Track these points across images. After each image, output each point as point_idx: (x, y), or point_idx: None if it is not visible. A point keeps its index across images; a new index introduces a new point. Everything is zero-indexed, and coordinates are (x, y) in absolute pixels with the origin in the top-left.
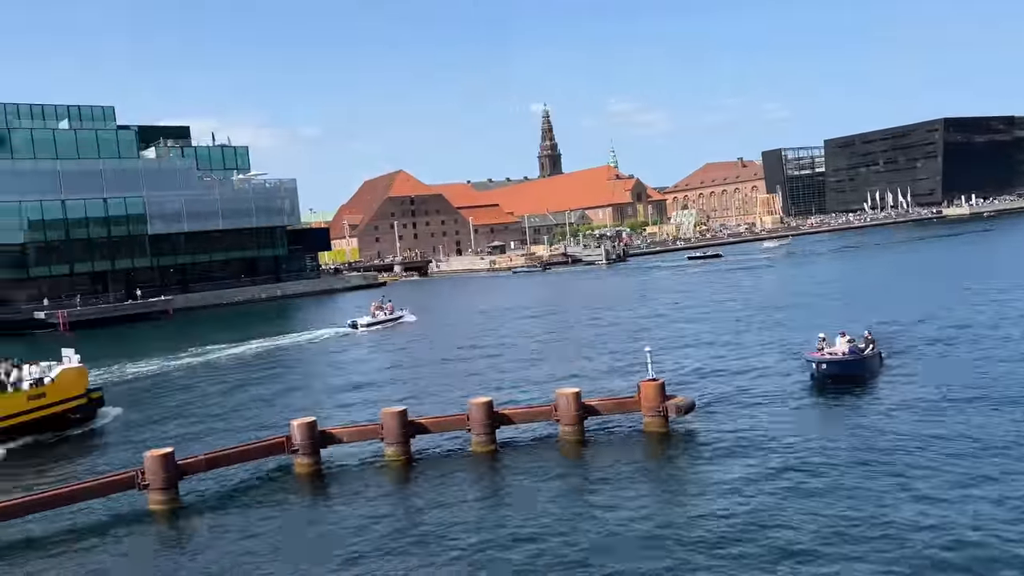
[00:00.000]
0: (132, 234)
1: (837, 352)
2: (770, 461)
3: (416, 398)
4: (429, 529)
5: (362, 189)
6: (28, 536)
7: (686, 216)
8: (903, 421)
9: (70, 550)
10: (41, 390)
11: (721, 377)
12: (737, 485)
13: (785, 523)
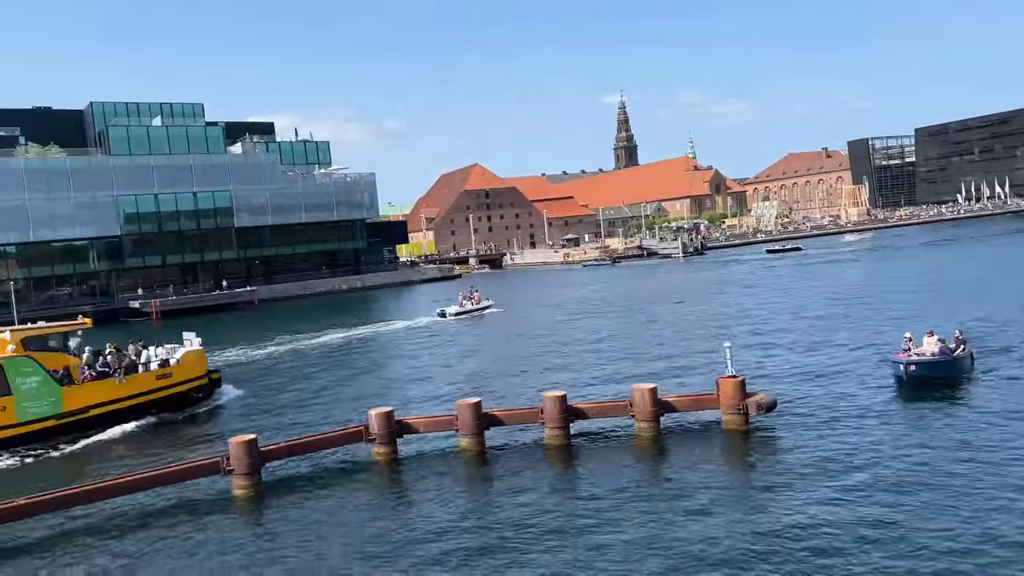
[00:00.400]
0: (220, 227)
1: (925, 352)
2: (856, 466)
3: (491, 390)
4: (503, 521)
5: (439, 182)
6: (120, 516)
7: (767, 208)
8: (1002, 429)
9: (158, 531)
10: (167, 370)
11: (803, 375)
12: (821, 489)
13: (872, 537)
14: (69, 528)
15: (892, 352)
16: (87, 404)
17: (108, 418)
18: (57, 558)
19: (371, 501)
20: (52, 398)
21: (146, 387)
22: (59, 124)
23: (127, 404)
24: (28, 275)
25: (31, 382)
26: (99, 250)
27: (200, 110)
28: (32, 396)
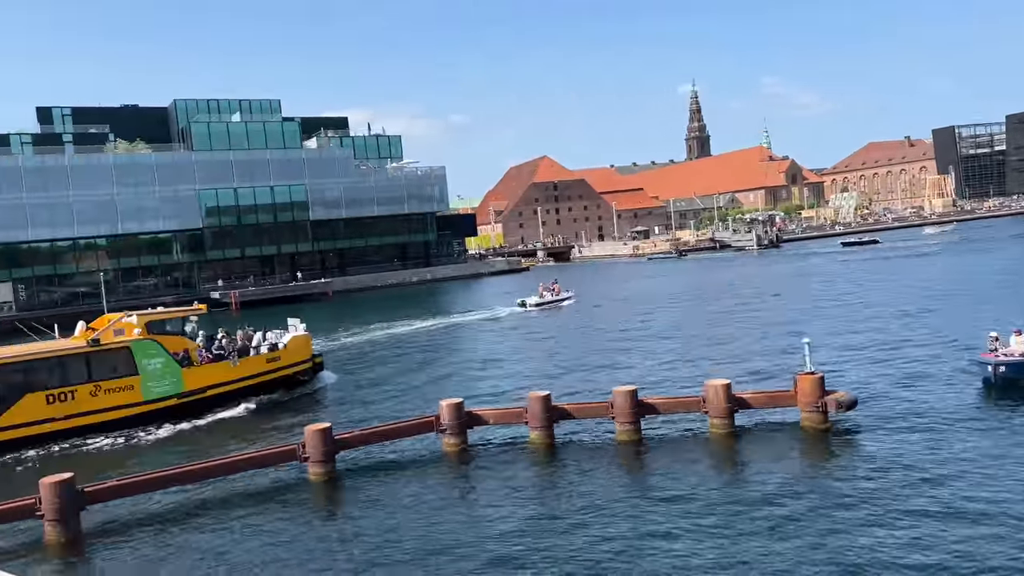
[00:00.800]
0: (295, 220)
1: (1014, 353)
2: (943, 473)
3: (563, 382)
4: (569, 518)
5: (507, 175)
6: (203, 500)
7: (846, 199)
8: None
9: (237, 513)
10: (276, 354)
11: (884, 373)
12: (904, 495)
13: (961, 552)
14: (155, 510)
15: (980, 353)
16: (205, 384)
17: (223, 398)
18: (141, 538)
19: (440, 491)
20: (174, 378)
21: (257, 369)
22: (145, 121)
23: (240, 385)
24: (117, 266)
25: (155, 363)
26: (182, 242)
27: (277, 106)
28: (156, 376)
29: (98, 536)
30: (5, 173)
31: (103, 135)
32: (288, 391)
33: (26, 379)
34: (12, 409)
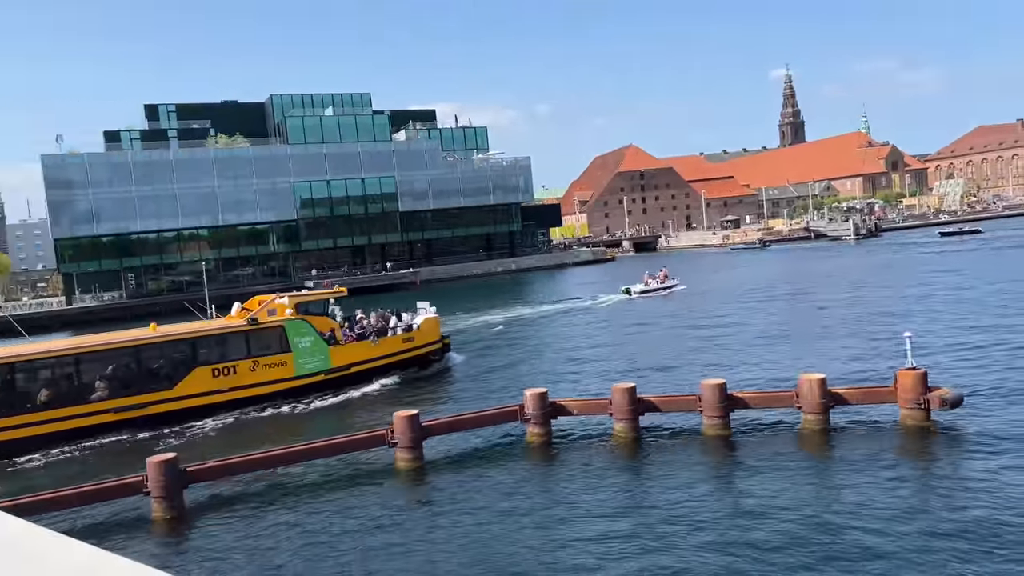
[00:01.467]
0: (385, 211)
1: None
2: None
3: (652, 373)
4: (656, 510)
5: (592, 165)
6: (296, 482)
7: (951, 186)
8: None
9: (328, 497)
10: (411, 335)
11: (990, 371)
12: (1016, 497)
13: None
14: (251, 490)
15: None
16: (349, 362)
17: (364, 375)
18: (237, 516)
19: (522, 480)
20: (322, 356)
21: (395, 349)
22: (244, 116)
23: (379, 363)
24: (218, 256)
25: (306, 341)
26: (278, 233)
27: (368, 99)
28: (307, 353)
29: (199, 513)
30: (116, 168)
31: (204, 130)
32: (421, 369)
33: (195, 354)
34: (184, 381)
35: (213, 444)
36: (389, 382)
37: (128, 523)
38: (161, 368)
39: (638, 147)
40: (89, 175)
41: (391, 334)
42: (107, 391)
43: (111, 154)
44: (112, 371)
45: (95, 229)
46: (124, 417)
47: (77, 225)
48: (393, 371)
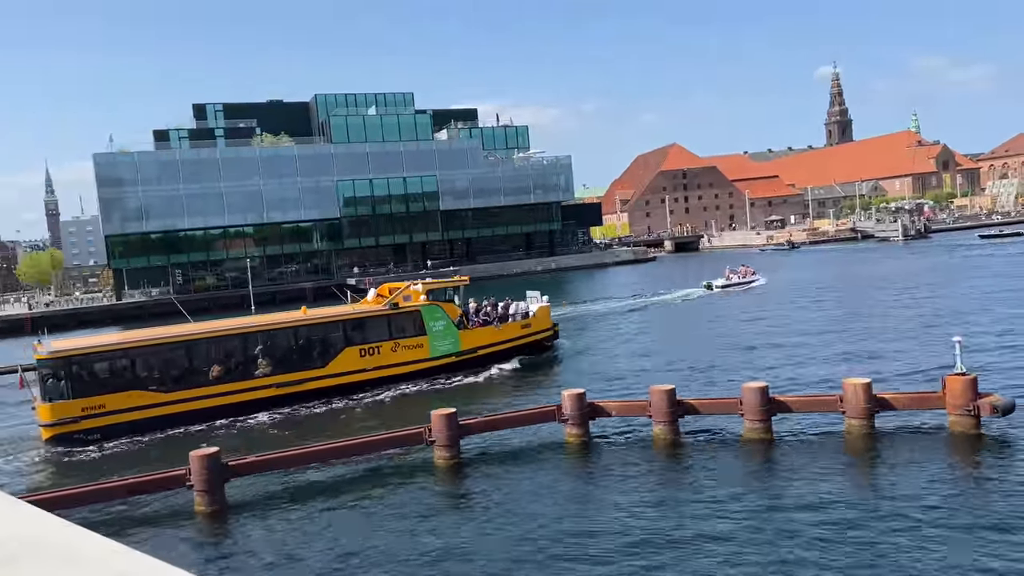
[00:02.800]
0: (426, 210)
1: None
2: None
3: (692, 376)
4: (691, 514)
5: (634, 164)
6: (336, 478)
7: (1005, 186)
8: None
9: (365, 493)
10: (527, 321)
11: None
12: None
13: None
14: (291, 485)
15: None
16: (476, 345)
17: (489, 358)
18: (276, 510)
19: (559, 481)
20: (453, 339)
21: (515, 334)
22: (289, 115)
23: (501, 347)
24: (262, 253)
25: (439, 325)
26: (321, 231)
27: (410, 99)
28: (440, 337)
29: (240, 508)
30: (165, 166)
31: (250, 129)
32: (537, 354)
33: (346, 335)
34: (336, 360)
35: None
36: (509, 367)
37: (170, 516)
38: (316, 347)
39: (681, 146)
40: (139, 173)
41: (511, 320)
42: (269, 368)
43: (160, 152)
44: (273, 350)
45: (144, 226)
46: (284, 392)
47: (127, 222)
48: (513, 355)
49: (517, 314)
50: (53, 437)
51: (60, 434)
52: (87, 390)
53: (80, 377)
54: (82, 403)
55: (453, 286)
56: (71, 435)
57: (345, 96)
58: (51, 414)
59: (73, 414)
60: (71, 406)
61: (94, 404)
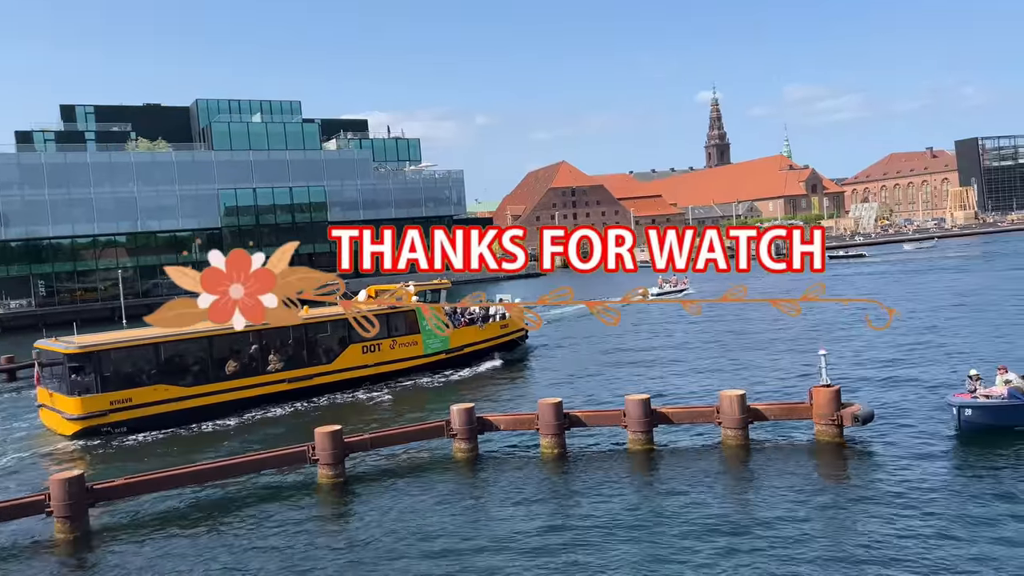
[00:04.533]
0: (314, 221)
1: (994, 394)
2: (942, 497)
3: (578, 393)
4: (575, 526)
5: (525, 180)
6: (215, 500)
7: (866, 210)
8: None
9: (245, 516)
10: (505, 321)
11: (903, 389)
12: (908, 513)
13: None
14: (165, 508)
15: (953, 393)
16: (463, 343)
17: (475, 355)
18: (147, 537)
19: (445, 497)
20: (443, 337)
21: (496, 333)
22: (167, 120)
23: (484, 345)
24: (136, 263)
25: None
26: (201, 241)
27: (297, 107)
28: (432, 335)
29: (105, 533)
30: (28, 170)
31: (125, 133)
32: (511, 352)
33: (350, 333)
34: (343, 355)
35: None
36: (488, 365)
37: (30, 545)
38: (324, 344)
39: (570, 164)
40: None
41: (491, 321)
42: (281, 364)
43: (22, 155)
44: (284, 347)
45: (3, 234)
46: (295, 387)
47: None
48: (494, 352)
49: (496, 314)
50: (82, 431)
51: (89, 427)
52: (116, 384)
53: (109, 371)
54: (111, 396)
55: (438, 288)
56: (99, 428)
57: (228, 102)
58: (81, 407)
59: (103, 408)
60: (100, 400)
61: (122, 398)
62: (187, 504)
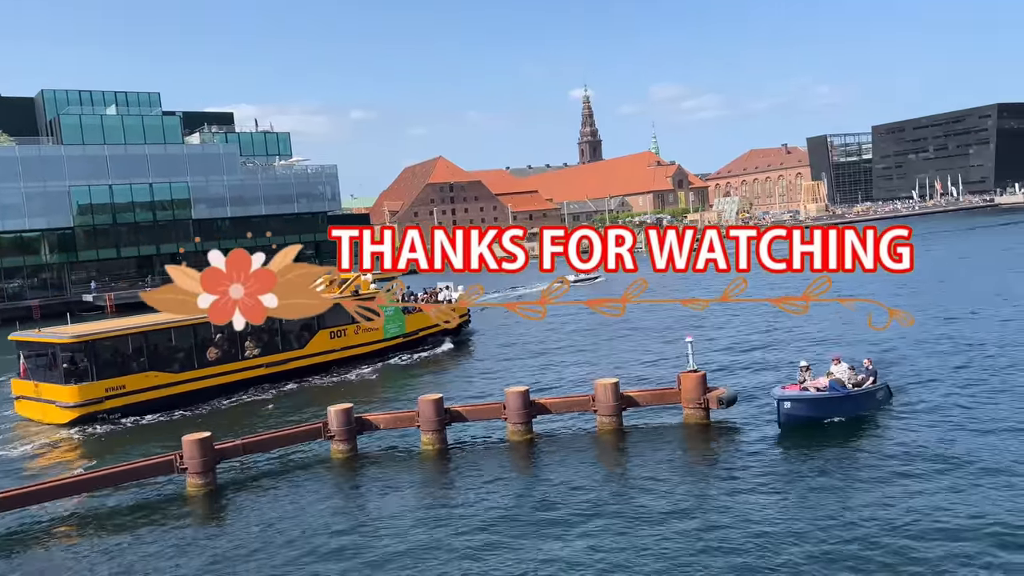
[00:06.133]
0: (177, 219)
1: (819, 386)
2: (801, 469)
3: (458, 386)
4: (460, 519)
5: (402, 176)
6: (74, 515)
7: (728, 203)
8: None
9: (107, 532)
10: (454, 306)
11: (765, 371)
12: (776, 483)
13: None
14: (23, 527)
15: (780, 386)
16: (418, 327)
17: (427, 338)
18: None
19: (324, 501)
20: (400, 322)
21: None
22: (8, 111)
23: (436, 329)
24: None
25: (389, 310)
26: (51, 242)
27: (156, 99)
28: (390, 320)
29: None
30: None
31: None
32: (458, 334)
33: (320, 319)
34: (313, 341)
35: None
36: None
37: None
38: (295, 331)
39: (447, 160)
40: None
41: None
42: (257, 350)
43: None
44: (261, 333)
45: None
46: (271, 372)
47: None
48: (445, 336)
49: (445, 300)
50: (79, 418)
51: (86, 414)
52: (110, 372)
53: (103, 359)
54: (105, 384)
55: (391, 276)
56: (95, 415)
57: (79, 93)
58: (78, 395)
59: (98, 395)
60: (96, 387)
61: (116, 385)
62: (38, 523)
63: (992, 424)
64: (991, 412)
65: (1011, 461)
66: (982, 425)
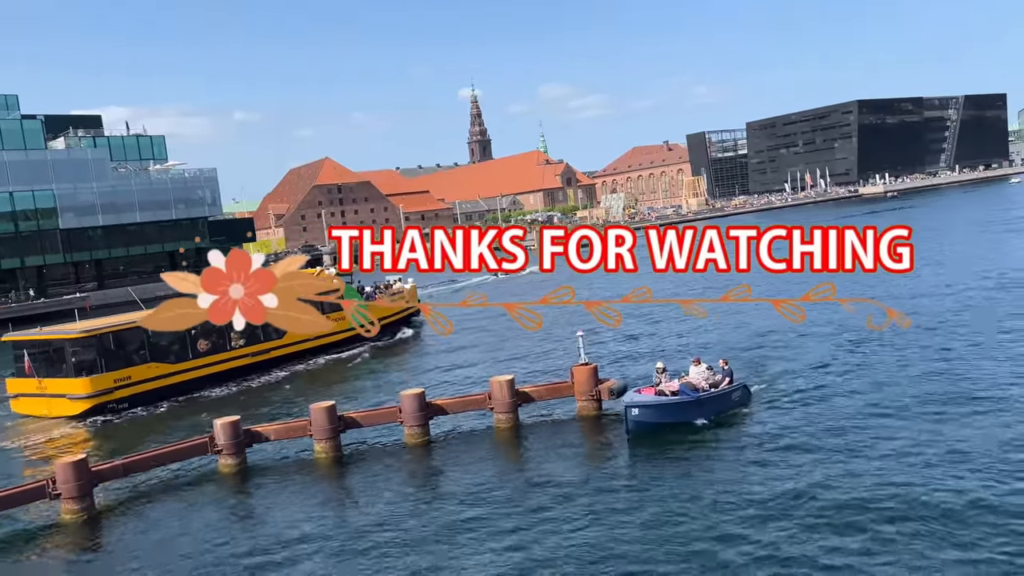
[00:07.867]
0: (42, 229)
1: (671, 390)
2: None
3: (351, 393)
4: (360, 527)
5: (287, 178)
6: None
7: (615, 200)
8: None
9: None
10: (405, 295)
11: (648, 361)
12: (664, 469)
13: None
14: None
15: (633, 391)
16: (380, 316)
17: (390, 326)
18: None
19: (211, 519)
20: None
21: (402, 307)
22: None
23: (396, 318)
24: None
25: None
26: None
27: (14, 102)
28: (356, 310)
29: None
30: None
31: None
32: (409, 324)
33: None
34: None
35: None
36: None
37: None
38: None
39: (334, 161)
40: None
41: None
42: (243, 341)
43: None
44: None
45: None
46: (256, 360)
47: None
48: (400, 325)
49: (403, 290)
50: (91, 408)
51: (98, 405)
52: (117, 364)
53: (110, 352)
54: (114, 375)
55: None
56: (106, 405)
57: None
58: (91, 386)
59: (108, 386)
60: (106, 378)
61: (123, 376)
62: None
63: (845, 413)
64: (845, 402)
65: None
66: (835, 415)
